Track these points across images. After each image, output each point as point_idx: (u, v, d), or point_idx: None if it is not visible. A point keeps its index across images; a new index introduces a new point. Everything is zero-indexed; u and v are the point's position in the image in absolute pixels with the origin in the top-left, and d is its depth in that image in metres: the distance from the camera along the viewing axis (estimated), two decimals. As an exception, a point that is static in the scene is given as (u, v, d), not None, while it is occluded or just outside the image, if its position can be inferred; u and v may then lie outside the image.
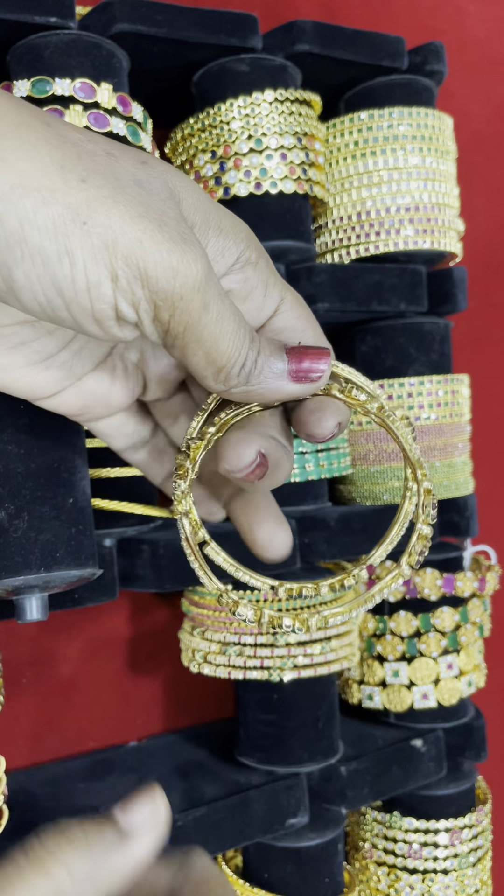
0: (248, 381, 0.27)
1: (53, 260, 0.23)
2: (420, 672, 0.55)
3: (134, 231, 0.24)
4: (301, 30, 0.50)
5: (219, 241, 0.27)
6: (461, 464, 0.57)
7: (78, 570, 0.33)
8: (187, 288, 0.24)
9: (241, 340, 0.26)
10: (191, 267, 0.24)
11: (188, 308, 0.25)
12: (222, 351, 0.26)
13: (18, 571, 0.31)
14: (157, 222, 0.24)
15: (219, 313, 0.25)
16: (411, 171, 0.54)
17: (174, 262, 0.24)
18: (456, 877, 0.56)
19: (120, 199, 0.24)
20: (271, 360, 0.27)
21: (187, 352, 0.26)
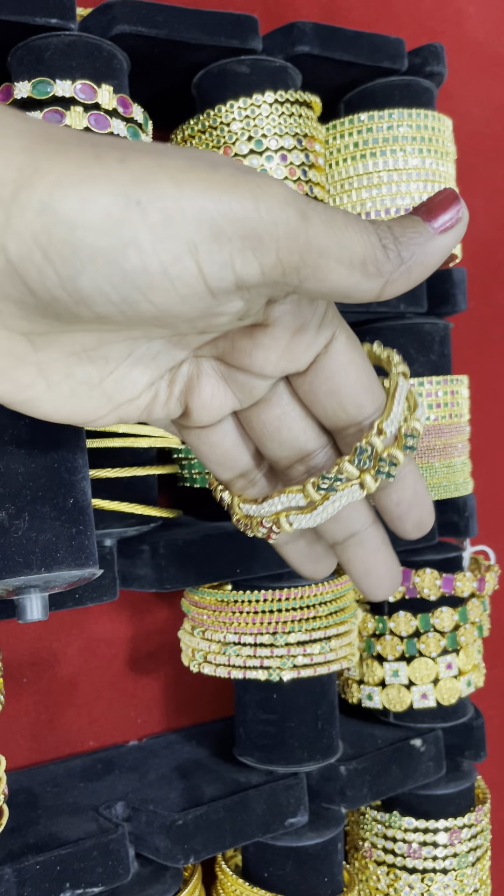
0: (402, 257, 0.24)
1: (117, 255, 0.21)
2: (419, 672, 0.56)
3: (191, 187, 0.21)
4: (301, 31, 0.50)
5: None
6: (460, 464, 0.58)
7: (78, 570, 0.33)
8: (276, 213, 0.22)
9: (361, 222, 0.23)
10: (267, 191, 0.22)
11: (290, 230, 0.22)
12: (355, 242, 0.23)
13: (19, 571, 0.31)
14: (211, 167, 0.22)
15: (321, 213, 0.23)
16: (411, 173, 0.54)
17: (248, 196, 0.21)
18: (455, 876, 0.56)
19: (166, 163, 0.21)
20: (408, 228, 0.25)
21: (320, 275, 0.23)
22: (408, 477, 0.30)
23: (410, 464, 0.30)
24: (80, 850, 0.43)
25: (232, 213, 0.21)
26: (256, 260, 0.22)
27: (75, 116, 0.42)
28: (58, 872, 0.42)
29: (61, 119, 0.41)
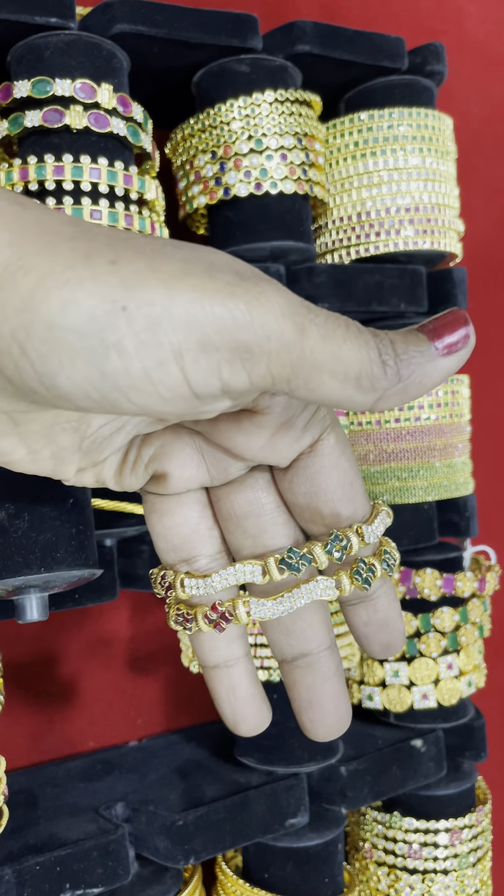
0: (400, 375, 0.23)
1: (98, 357, 0.20)
2: (420, 672, 0.55)
3: (182, 294, 0.20)
4: (301, 30, 0.50)
5: None
6: (461, 464, 0.57)
7: (78, 570, 0.33)
8: (270, 326, 0.21)
9: (363, 335, 0.23)
10: (264, 303, 0.21)
11: (283, 344, 0.21)
12: (353, 357, 0.22)
13: (18, 571, 0.31)
14: (207, 273, 0.21)
15: (321, 326, 0.22)
16: (411, 172, 0.54)
17: (242, 308, 0.21)
18: (456, 877, 0.56)
19: (159, 266, 0.21)
20: (411, 345, 0.23)
21: (312, 386, 0.22)
22: (381, 598, 0.28)
23: (386, 584, 0.28)
24: (80, 850, 0.43)
25: (222, 324, 0.20)
26: (245, 370, 0.21)
27: (75, 115, 0.41)
28: (58, 873, 0.42)
29: (61, 118, 0.41)
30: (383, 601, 0.28)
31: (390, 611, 0.28)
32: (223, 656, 0.29)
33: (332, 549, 0.26)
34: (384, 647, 0.29)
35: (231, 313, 0.20)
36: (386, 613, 0.28)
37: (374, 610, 0.28)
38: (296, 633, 0.28)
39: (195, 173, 0.50)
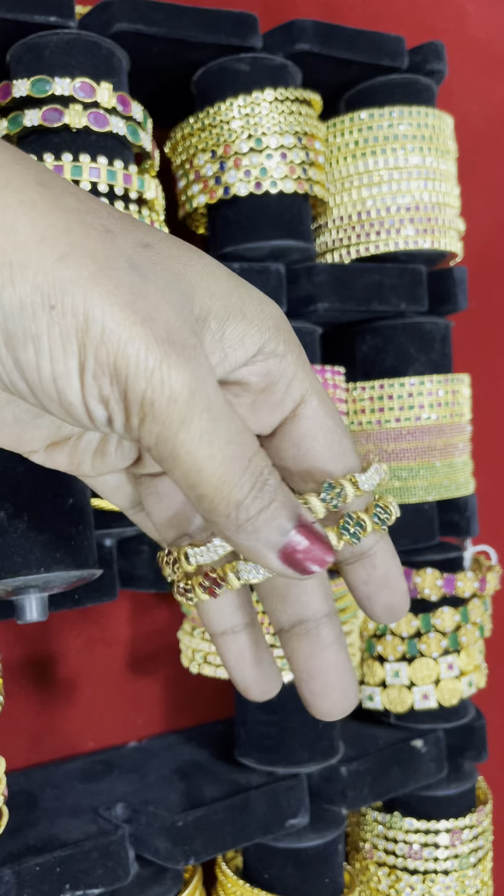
0: (238, 529, 0.23)
1: (18, 343, 0.21)
2: (420, 672, 0.55)
3: (111, 321, 0.21)
4: (301, 29, 0.50)
5: (239, 327, 0.24)
6: (461, 464, 0.57)
7: (78, 570, 0.33)
8: (163, 396, 0.21)
9: (236, 471, 0.22)
10: (172, 372, 0.21)
11: (162, 419, 0.21)
12: (205, 479, 0.22)
13: (18, 571, 0.31)
14: (144, 315, 0.21)
15: (203, 432, 0.22)
16: (411, 171, 0.54)
17: (151, 364, 0.21)
18: (456, 877, 0.56)
19: (103, 282, 0.21)
20: (276, 520, 0.23)
21: (164, 465, 0.22)
22: (379, 554, 0.27)
23: (383, 541, 0.27)
24: (79, 851, 0.42)
25: (127, 369, 0.21)
26: (124, 414, 0.22)
27: (74, 114, 0.41)
28: (57, 874, 0.41)
29: (60, 117, 0.41)
30: (381, 557, 0.27)
31: (390, 567, 0.27)
32: (229, 623, 0.29)
33: (328, 497, 0.25)
34: (387, 609, 0.28)
35: (141, 361, 0.21)
36: (385, 570, 0.27)
37: (373, 566, 0.27)
38: (291, 599, 0.27)
39: (195, 172, 0.50)
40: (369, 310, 0.54)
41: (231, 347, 0.24)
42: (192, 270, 0.23)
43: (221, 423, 0.22)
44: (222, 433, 0.22)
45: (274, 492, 0.23)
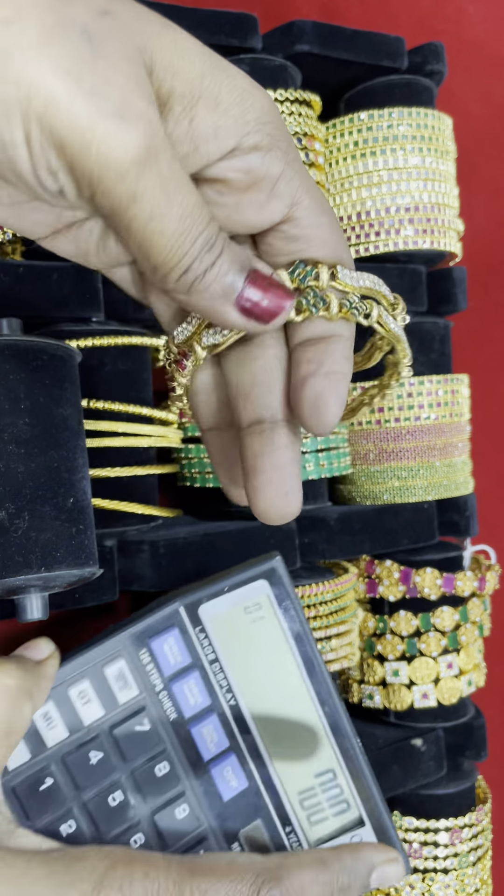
0: (189, 290, 0.23)
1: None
2: (420, 671, 0.55)
3: (54, 89, 0.19)
4: (301, 30, 0.50)
5: (210, 117, 0.22)
6: (461, 463, 0.57)
7: (78, 569, 0.33)
8: (108, 168, 0.20)
9: (185, 244, 0.22)
10: (120, 149, 0.20)
11: (110, 192, 0.21)
12: (156, 250, 0.22)
13: (19, 571, 0.31)
14: (91, 87, 0.20)
15: (154, 209, 0.21)
16: (411, 171, 0.54)
17: (98, 139, 0.20)
18: (456, 876, 0.56)
19: (49, 51, 0.20)
20: (224, 276, 0.23)
21: (118, 235, 0.22)
22: (335, 344, 0.26)
23: (346, 336, 0.26)
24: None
25: (71, 140, 0.20)
26: (74, 185, 0.21)
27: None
28: None
29: None
30: (338, 349, 0.26)
31: (341, 364, 0.26)
32: (214, 421, 0.29)
33: (297, 272, 0.25)
34: (313, 405, 0.25)
35: (85, 131, 0.20)
36: (332, 365, 0.26)
37: (324, 352, 0.26)
38: (253, 398, 0.27)
39: (195, 173, 0.50)
40: (369, 310, 0.54)
41: (202, 139, 0.23)
42: (156, 43, 0.22)
43: (174, 198, 0.21)
44: (174, 209, 0.21)
45: (220, 250, 0.22)
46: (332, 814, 0.37)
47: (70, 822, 0.34)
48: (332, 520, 0.52)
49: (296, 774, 0.37)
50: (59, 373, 0.34)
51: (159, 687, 0.35)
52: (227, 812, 0.36)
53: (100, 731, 0.34)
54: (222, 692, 0.36)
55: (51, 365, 0.34)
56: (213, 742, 0.36)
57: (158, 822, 0.35)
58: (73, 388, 0.35)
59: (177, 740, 0.35)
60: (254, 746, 0.36)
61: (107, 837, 0.34)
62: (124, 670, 0.35)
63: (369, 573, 0.57)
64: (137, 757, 0.35)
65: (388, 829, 0.37)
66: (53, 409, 0.33)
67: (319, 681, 0.37)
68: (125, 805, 0.34)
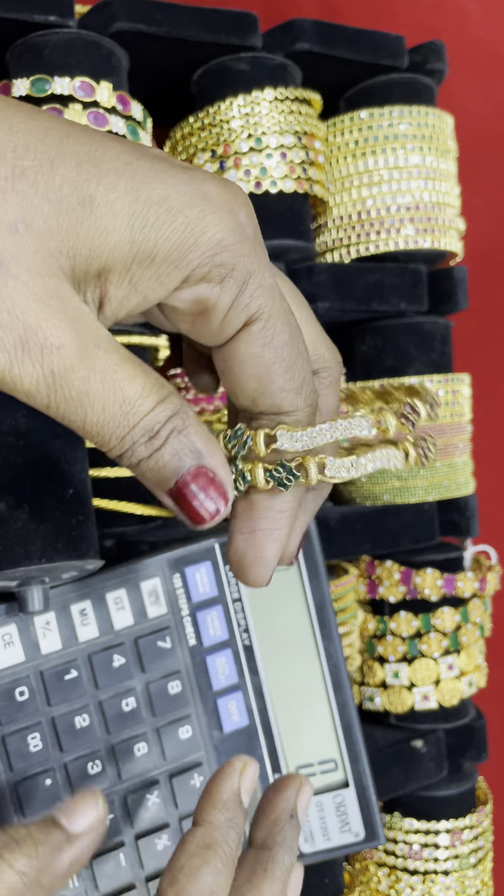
0: (129, 467, 0.24)
1: None
2: (420, 673, 0.55)
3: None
4: (301, 28, 0.50)
5: (148, 272, 0.23)
6: (462, 464, 0.57)
7: (79, 560, 0.33)
8: (18, 393, 0.22)
9: (112, 440, 0.23)
10: (17, 374, 0.21)
11: (38, 406, 0.22)
12: (88, 437, 0.23)
13: (19, 562, 0.31)
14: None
15: (72, 414, 0.22)
16: (412, 170, 0.54)
17: (6, 374, 0.21)
18: (457, 878, 0.56)
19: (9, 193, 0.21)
20: (162, 468, 0.23)
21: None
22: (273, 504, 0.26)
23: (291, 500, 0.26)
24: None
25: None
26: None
27: (74, 114, 0.41)
28: None
29: (60, 116, 0.41)
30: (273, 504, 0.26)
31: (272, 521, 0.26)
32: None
33: (229, 444, 0.25)
34: (238, 567, 0.27)
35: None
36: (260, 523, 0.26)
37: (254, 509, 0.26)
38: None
39: (195, 172, 0.50)
40: (369, 309, 0.54)
41: (149, 289, 0.23)
42: (73, 238, 0.22)
43: (93, 407, 0.22)
44: (95, 414, 0.22)
45: (164, 439, 0.23)
46: (319, 770, 0.41)
47: (84, 716, 0.36)
48: (332, 520, 0.52)
49: (293, 725, 0.40)
50: None
51: (185, 612, 0.38)
52: (224, 746, 0.39)
53: (126, 639, 0.37)
54: (240, 630, 0.39)
55: None
56: (224, 674, 0.39)
57: (163, 737, 0.38)
58: None
59: (192, 665, 0.38)
60: (259, 689, 0.39)
61: (114, 741, 0.37)
62: (158, 588, 0.38)
63: (370, 574, 0.57)
64: (155, 671, 0.37)
65: (370, 798, 0.41)
66: None
67: (329, 638, 0.40)
68: (136, 713, 0.37)
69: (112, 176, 0.22)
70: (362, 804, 0.41)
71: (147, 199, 0.22)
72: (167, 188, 0.23)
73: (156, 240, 0.22)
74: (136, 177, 0.22)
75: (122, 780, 0.37)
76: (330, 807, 0.41)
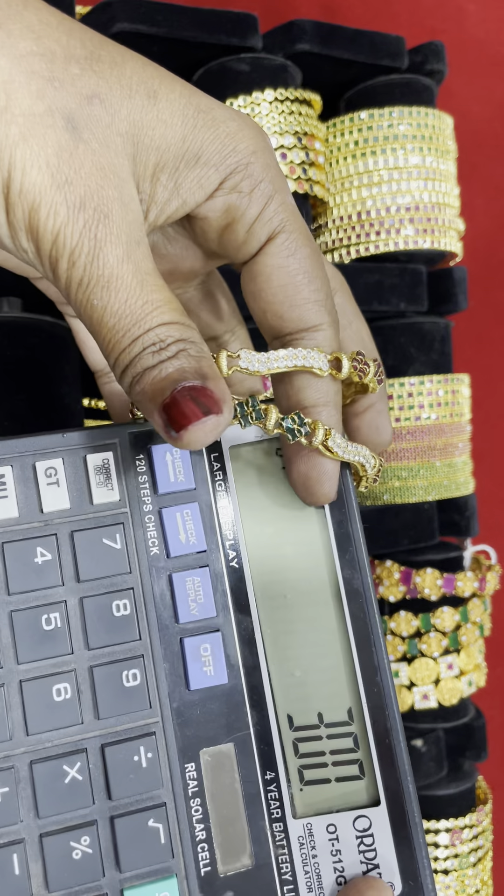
0: (129, 389, 0.23)
1: None
2: (420, 672, 0.55)
3: (28, 182, 0.22)
4: (301, 29, 0.50)
5: (193, 172, 0.24)
6: (461, 463, 0.57)
7: None
8: (63, 258, 0.22)
9: (124, 340, 0.23)
10: (74, 237, 0.22)
11: (63, 277, 0.23)
12: (98, 336, 0.23)
13: None
14: (63, 178, 0.22)
15: (97, 299, 0.23)
16: (411, 171, 0.54)
17: (57, 227, 0.22)
18: (456, 877, 0.56)
19: (31, 141, 0.21)
20: (161, 380, 0.23)
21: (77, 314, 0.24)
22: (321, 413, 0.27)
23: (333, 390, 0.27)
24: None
25: (37, 226, 0.22)
26: (41, 265, 0.23)
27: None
28: None
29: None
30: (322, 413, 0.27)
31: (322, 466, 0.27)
32: None
33: (243, 411, 0.25)
34: (304, 488, 0.27)
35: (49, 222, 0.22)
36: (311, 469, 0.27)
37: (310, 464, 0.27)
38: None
39: (195, 172, 0.50)
40: (369, 310, 0.54)
41: (189, 192, 0.25)
42: (139, 126, 0.23)
43: (118, 293, 0.22)
44: (118, 302, 0.22)
45: (173, 353, 0.23)
46: (335, 775, 0.27)
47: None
48: (332, 520, 0.52)
49: (297, 698, 0.27)
50: (57, 351, 0.34)
51: (147, 505, 0.27)
52: (190, 711, 0.26)
53: (58, 529, 0.26)
54: (224, 545, 0.28)
55: (48, 343, 0.34)
56: (196, 603, 0.27)
57: (97, 680, 0.26)
58: (71, 367, 0.35)
59: (150, 582, 0.27)
60: (248, 635, 0.27)
61: (23, 673, 0.25)
62: (110, 465, 0.27)
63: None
64: (96, 581, 0.26)
65: (413, 824, 0.27)
66: (50, 387, 0.33)
67: (354, 567, 0.28)
68: (58, 637, 0.26)
69: (170, 80, 0.24)
70: (398, 834, 0.26)
71: (197, 105, 0.24)
72: (211, 102, 0.25)
73: (202, 141, 0.24)
74: (187, 87, 0.25)
75: (28, 735, 0.25)
76: (348, 834, 0.27)
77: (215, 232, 0.26)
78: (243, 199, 0.25)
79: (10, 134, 0.21)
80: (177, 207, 0.25)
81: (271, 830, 0.26)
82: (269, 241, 0.26)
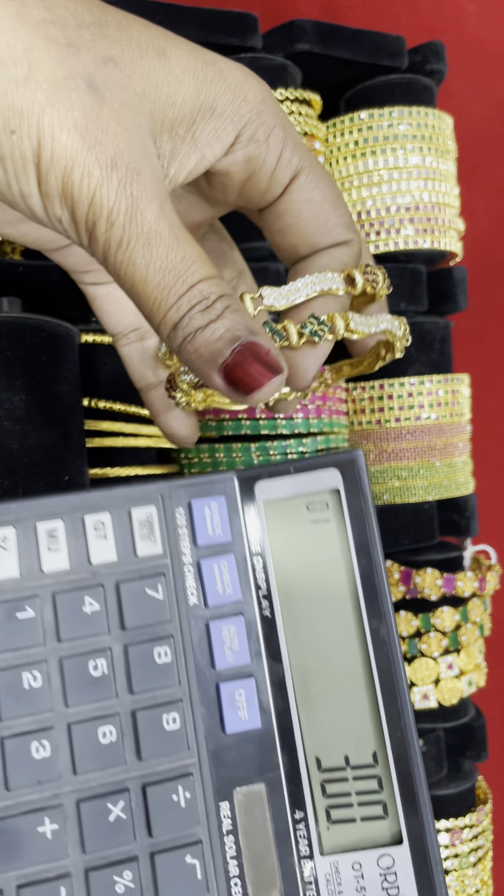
0: (179, 347, 0.23)
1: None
2: (420, 672, 0.55)
3: (59, 146, 0.22)
4: (301, 29, 0.50)
5: (209, 125, 0.25)
6: (461, 463, 0.57)
7: None
8: (101, 219, 0.22)
9: (171, 297, 0.23)
10: (111, 196, 0.22)
11: (102, 239, 0.23)
12: (143, 299, 0.23)
13: None
14: (93, 139, 0.22)
15: (139, 258, 0.23)
16: (411, 171, 0.54)
17: (92, 187, 0.22)
18: (456, 877, 0.56)
19: (57, 106, 0.22)
20: (216, 341, 0.23)
21: (116, 281, 0.24)
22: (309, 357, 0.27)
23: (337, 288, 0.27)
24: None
25: (71, 191, 0.22)
26: (76, 231, 0.23)
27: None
28: None
29: None
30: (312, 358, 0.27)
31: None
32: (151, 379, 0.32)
33: (309, 330, 0.26)
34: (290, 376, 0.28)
35: (84, 184, 0.22)
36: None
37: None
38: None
39: (195, 172, 0.50)
40: (369, 309, 0.54)
41: (206, 145, 0.25)
42: (153, 84, 0.24)
43: (159, 248, 0.23)
44: (160, 258, 0.23)
45: (219, 311, 0.23)
46: (360, 815, 0.28)
47: (35, 674, 0.26)
48: (332, 520, 0.52)
49: (325, 741, 0.29)
50: (57, 351, 0.34)
51: (187, 557, 0.29)
52: (226, 754, 0.28)
53: (105, 580, 0.28)
54: (258, 594, 0.29)
55: (48, 343, 0.34)
56: (232, 651, 0.28)
57: (140, 724, 0.27)
58: (71, 367, 0.35)
59: (189, 630, 0.28)
60: (279, 680, 0.28)
61: (72, 715, 0.27)
62: (153, 520, 0.28)
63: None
64: (140, 629, 0.28)
65: (434, 863, 0.28)
66: (50, 387, 0.33)
67: (379, 617, 0.29)
68: (105, 683, 0.27)
69: (174, 38, 0.25)
70: (420, 872, 0.28)
71: (204, 59, 0.25)
72: (214, 56, 0.26)
73: (215, 93, 0.25)
74: (191, 43, 0.25)
75: (76, 774, 0.27)
76: (372, 871, 0.28)
77: (237, 185, 0.27)
78: (261, 147, 0.26)
79: (36, 100, 0.21)
80: (196, 162, 0.25)
81: (300, 867, 0.28)
82: (291, 181, 0.27)
